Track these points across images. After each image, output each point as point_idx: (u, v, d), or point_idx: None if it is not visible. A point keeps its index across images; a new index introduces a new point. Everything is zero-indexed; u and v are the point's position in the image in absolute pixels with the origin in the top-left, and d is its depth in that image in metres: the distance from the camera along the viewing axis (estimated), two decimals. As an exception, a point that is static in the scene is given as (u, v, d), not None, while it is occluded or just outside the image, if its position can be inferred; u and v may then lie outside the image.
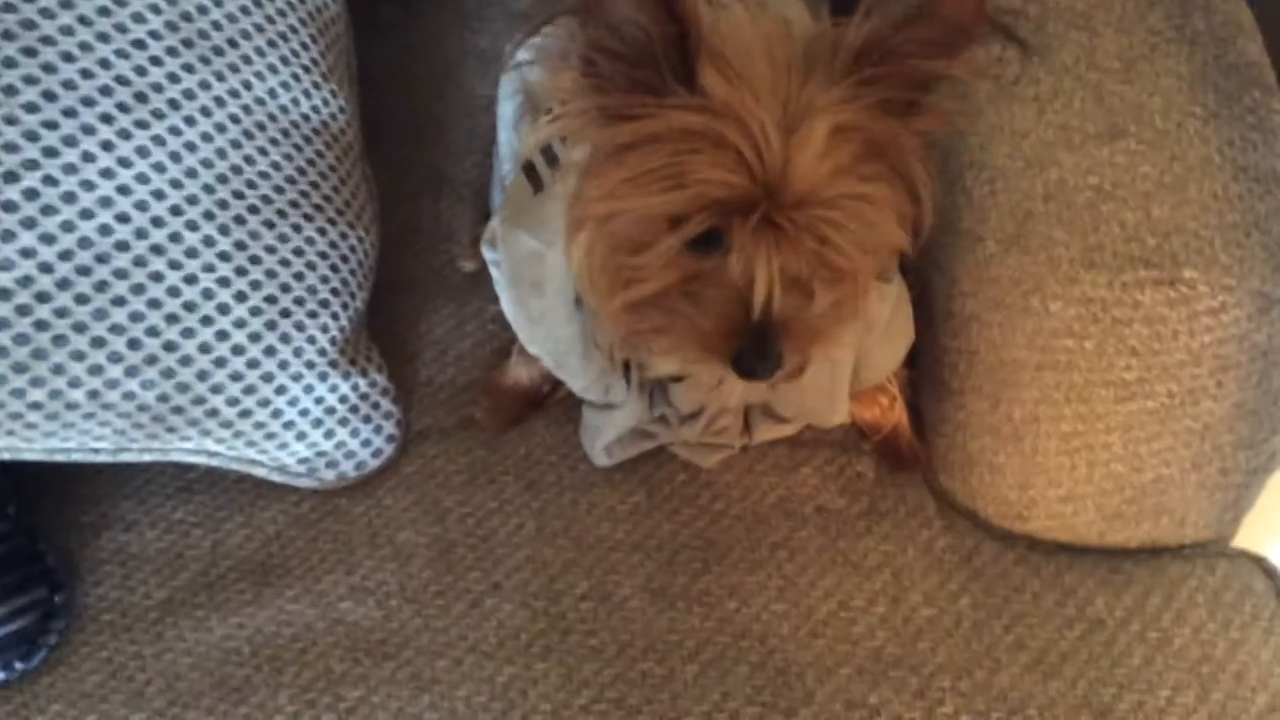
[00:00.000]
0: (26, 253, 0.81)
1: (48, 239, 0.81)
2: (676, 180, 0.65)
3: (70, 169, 0.82)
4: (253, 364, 0.91)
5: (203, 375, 0.89)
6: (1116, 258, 0.87)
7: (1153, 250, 0.87)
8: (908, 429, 1.01)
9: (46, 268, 0.81)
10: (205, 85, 0.89)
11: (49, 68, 0.81)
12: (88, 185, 0.82)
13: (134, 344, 0.85)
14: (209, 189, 0.88)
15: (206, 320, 0.88)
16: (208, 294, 0.88)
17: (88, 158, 0.82)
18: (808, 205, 0.65)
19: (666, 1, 0.63)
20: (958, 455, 0.98)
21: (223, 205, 0.88)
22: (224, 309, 0.89)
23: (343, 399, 0.97)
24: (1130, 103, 0.92)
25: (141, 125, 0.85)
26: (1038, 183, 0.91)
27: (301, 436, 0.95)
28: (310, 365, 0.94)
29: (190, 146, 0.87)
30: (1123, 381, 0.88)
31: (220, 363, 0.89)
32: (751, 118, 0.64)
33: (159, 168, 0.85)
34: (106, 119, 0.83)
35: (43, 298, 0.82)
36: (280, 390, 0.93)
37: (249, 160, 0.91)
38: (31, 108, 0.80)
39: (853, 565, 0.94)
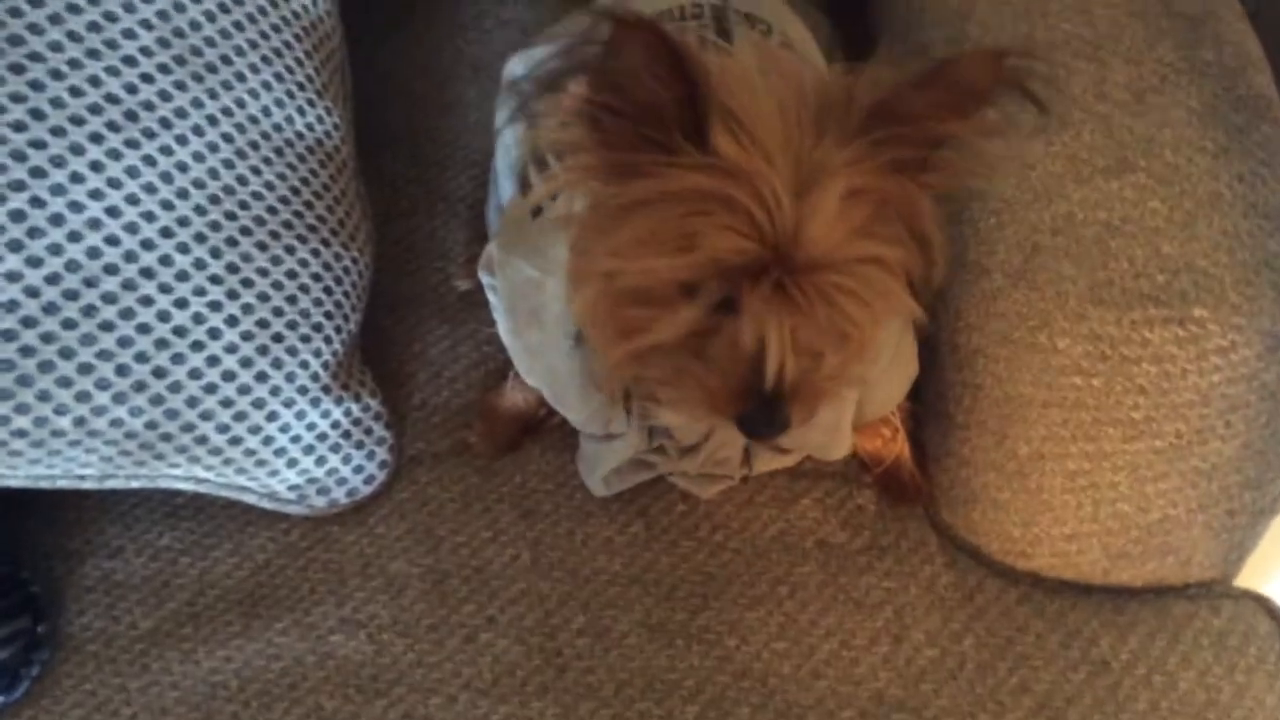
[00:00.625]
0: (12, 276, 0.78)
1: (34, 262, 0.79)
2: (686, 242, 0.63)
3: (58, 190, 0.79)
4: (244, 390, 0.88)
5: (193, 402, 0.86)
6: (1125, 295, 0.86)
7: (1162, 288, 0.85)
8: (909, 461, 1.00)
9: (33, 292, 0.79)
10: (197, 103, 0.86)
11: (37, 85, 0.79)
12: (76, 207, 0.80)
13: (122, 370, 0.83)
14: (200, 210, 0.86)
15: (197, 345, 0.86)
16: (198, 319, 0.85)
17: (76, 178, 0.80)
18: (820, 270, 0.63)
19: (677, 62, 0.61)
20: (961, 490, 0.96)
21: (215, 227, 0.86)
22: (215, 334, 0.86)
23: (335, 424, 0.94)
24: (1140, 136, 0.91)
25: (132, 144, 0.82)
26: (1045, 216, 0.90)
27: (293, 463, 0.93)
28: (303, 391, 0.92)
29: (181, 167, 0.85)
30: (1130, 420, 0.87)
31: (211, 389, 0.87)
32: (763, 180, 0.62)
33: (149, 189, 0.83)
34: (96, 138, 0.81)
35: (29, 323, 0.79)
36: (272, 417, 0.90)
37: (241, 180, 0.88)
38: (19, 126, 0.78)
39: (854, 603, 0.92)
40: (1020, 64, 0.64)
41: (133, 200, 0.82)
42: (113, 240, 0.81)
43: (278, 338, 0.90)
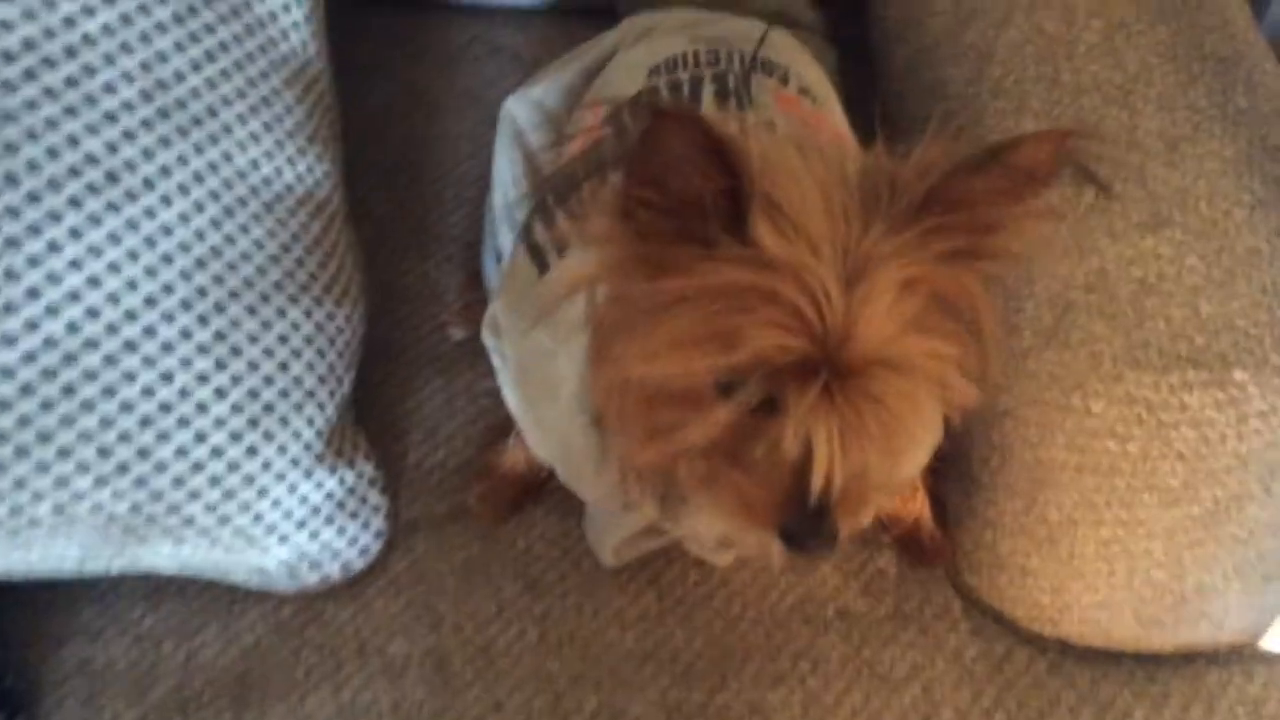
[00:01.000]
0: (-15, 357, 0.72)
1: (8, 340, 0.73)
2: (727, 341, 0.58)
3: (34, 261, 0.73)
4: (233, 466, 0.83)
5: (179, 482, 0.81)
6: (1163, 356, 0.82)
7: (1201, 350, 0.82)
8: (930, 521, 0.96)
9: (7, 373, 0.73)
10: (182, 160, 0.81)
11: (10, 147, 0.73)
12: (54, 279, 0.74)
13: (104, 452, 0.77)
14: (186, 275, 0.80)
15: (183, 421, 0.80)
16: (184, 392, 0.80)
17: (54, 247, 0.74)
18: (872, 368, 0.58)
19: (719, 152, 0.56)
20: (986, 554, 0.92)
21: (201, 292, 0.80)
22: (202, 408, 0.81)
23: (329, 495, 0.89)
24: (1175, 188, 0.87)
25: (113, 208, 0.77)
26: (1078, 272, 0.86)
27: (284, 540, 0.87)
28: (295, 462, 0.86)
29: (166, 229, 0.79)
30: (1167, 487, 0.83)
31: (197, 467, 0.81)
32: (809, 273, 0.57)
33: (132, 255, 0.77)
34: (75, 203, 0.75)
35: (2, 406, 0.73)
36: (262, 492, 0.85)
37: (229, 240, 0.83)
38: (-10, 194, 0.72)
39: (880, 678, 0.88)
40: (1082, 145, 0.60)
41: (114, 268, 0.76)
42: (94, 312, 0.76)
43: (269, 408, 0.84)
